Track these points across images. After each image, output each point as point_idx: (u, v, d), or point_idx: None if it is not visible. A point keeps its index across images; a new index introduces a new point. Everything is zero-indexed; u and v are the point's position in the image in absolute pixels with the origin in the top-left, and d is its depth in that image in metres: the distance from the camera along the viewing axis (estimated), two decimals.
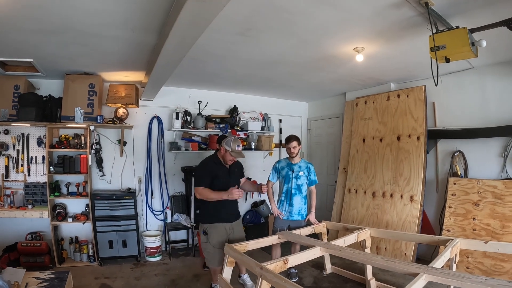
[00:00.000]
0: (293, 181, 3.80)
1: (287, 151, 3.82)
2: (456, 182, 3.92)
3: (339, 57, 3.58)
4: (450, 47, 2.55)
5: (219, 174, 3.21)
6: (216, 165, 3.27)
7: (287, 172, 3.83)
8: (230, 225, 3.28)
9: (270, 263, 2.56)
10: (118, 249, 4.37)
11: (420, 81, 4.46)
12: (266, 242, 3.41)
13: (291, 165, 3.84)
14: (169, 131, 4.96)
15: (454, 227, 3.83)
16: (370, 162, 4.72)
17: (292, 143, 3.75)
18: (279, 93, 5.66)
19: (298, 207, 3.80)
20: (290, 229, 3.76)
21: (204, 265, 4.23)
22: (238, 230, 3.38)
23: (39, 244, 4.06)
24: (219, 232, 3.22)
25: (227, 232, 3.26)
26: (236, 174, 3.43)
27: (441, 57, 2.68)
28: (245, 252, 3.08)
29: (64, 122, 4.16)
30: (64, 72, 4.18)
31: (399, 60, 3.75)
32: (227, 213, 3.26)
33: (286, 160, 3.93)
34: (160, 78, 3.74)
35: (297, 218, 3.83)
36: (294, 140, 3.77)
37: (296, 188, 3.79)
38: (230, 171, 3.32)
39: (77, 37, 3.00)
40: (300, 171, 3.81)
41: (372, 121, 4.81)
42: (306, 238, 3.33)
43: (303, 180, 3.82)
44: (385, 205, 4.41)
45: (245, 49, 3.37)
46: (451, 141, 4.17)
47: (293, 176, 3.80)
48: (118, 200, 4.40)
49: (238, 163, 3.48)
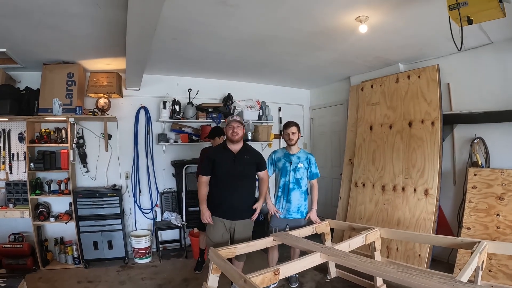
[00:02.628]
0: (291, 174, 3.40)
1: (285, 138, 3.45)
2: (476, 173, 3.48)
3: (339, 30, 3.16)
4: (473, 3, 2.13)
5: (220, 159, 2.98)
6: (221, 149, 3.07)
7: (284, 163, 3.43)
8: (230, 222, 2.99)
9: (257, 275, 2.19)
10: (104, 250, 4.14)
11: (431, 60, 4.03)
12: (259, 245, 3.03)
13: (289, 155, 3.44)
14: (157, 123, 4.66)
15: (475, 225, 3.39)
16: (379, 152, 4.29)
17: (291, 128, 3.38)
18: (277, 80, 5.28)
19: (297, 203, 3.41)
20: (289, 228, 3.41)
21: (195, 268, 3.94)
22: (241, 230, 3.05)
23: (20, 245, 3.86)
24: (216, 226, 2.98)
25: (227, 230, 3.01)
26: (247, 163, 3.05)
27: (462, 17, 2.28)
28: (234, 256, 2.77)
29: (41, 115, 3.91)
30: (42, 62, 3.93)
31: (409, 33, 3.31)
32: (229, 208, 2.97)
33: (283, 150, 3.53)
34: (137, 61, 3.42)
35: (296, 216, 3.44)
36: (293, 125, 3.40)
37: (294, 182, 3.40)
38: (238, 156, 3.00)
39: (43, 18, 2.72)
40: (299, 162, 3.41)
41: (379, 107, 4.37)
42: (304, 242, 2.95)
43: (303, 173, 3.42)
44: (396, 200, 3.98)
45: (228, 24, 2.99)
46: (469, 127, 3.71)
47: (291, 169, 3.40)
48: (102, 198, 4.15)
49: (254, 152, 3.18)
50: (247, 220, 3.07)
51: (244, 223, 3.06)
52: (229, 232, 3.01)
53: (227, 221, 2.97)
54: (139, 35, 2.70)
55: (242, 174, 3.00)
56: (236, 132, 2.98)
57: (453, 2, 2.25)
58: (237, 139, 2.99)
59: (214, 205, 2.98)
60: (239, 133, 2.99)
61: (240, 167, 2.98)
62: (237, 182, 2.99)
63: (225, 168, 2.97)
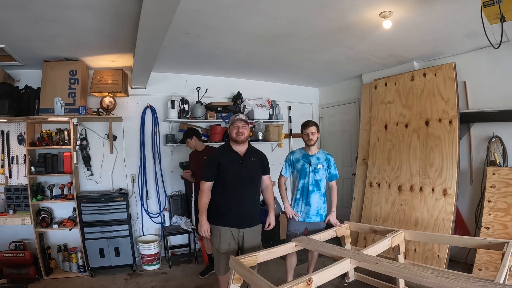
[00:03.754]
0: (311, 176, 3.29)
1: (304, 139, 3.32)
2: (495, 172, 3.47)
3: (361, 26, 3.09)
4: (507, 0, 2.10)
5: (226, 162, 2.73)
6: (225, 151, 2.81)
7: (303, 165, 3.33)
8: (238, 231, 2.76)
9: (290, 286, 2.06)
10: (110, 257, 3.98)
11: (447, 58, 4.01)
12: (280, 252, 2.90)
13: (308, 156, 3.34)
14: (164, 123, 4.52)
15: (494, 224, 3.39)
16: (394, 151, 4.26)
17: (310, 128, 3.25)
18: (286, 77, 5.20)
19: (316, 206, 3.32)
20: (307, 232, 3.33)
21: (201, 273, 3.86)
22: (250, 238, 2.83)
23: (22, 254, 3.69)
24: (224, 236, 2.74)
25: (235, 239, 2.77)
26: (254, 166, 2.83)
27: (495, 15, 2.26)
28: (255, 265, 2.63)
29: (42, 115, 3.73)
30: (43, 59, 3.74)
31: (428, 30, 3.26)
32: (232, 213, 2.73)
33: (301, 151, 3.41)
34: (146, 58, 3.26)
35: (316, 219, 3.35)
36: (312, 124, 3.28)
37: (314, 184, 3.30)
38: (245, 159, 2.77)
39: (44, 10, 2.54)
40: (319, 163, 3.31)
41: (394, 105, 4.34)
42: (330, 247, 2.86)
43: (322, 174, 3.34)
44: (414, 200, 3.96)
45: (247, 17, 2.86)
46: (487, 125, 3.71)
47: (310, 170, 3.29)
48: (108, 203, 3.98)
49: (260, 153, 2.95)
50: (256, 226, 2.88)
51: (253, 230, 2.85)
52: (237, 241, 2.78)
53: (235, 230, 2.75)
54: (153, 28, 2.52)
55: (250, 178, 2.79)
56: (242, 132, 2.74)
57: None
58: (242, 139, 2.75)
59: (219, 214, 2.76)
60: (245, 133, 2.76)
61: (247, 170, 2.76)
62: (245, 187, 2.77)
63: (232, 172, 2.72)
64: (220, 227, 2.74)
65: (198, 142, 3.84)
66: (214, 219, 2.78)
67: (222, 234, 2.74)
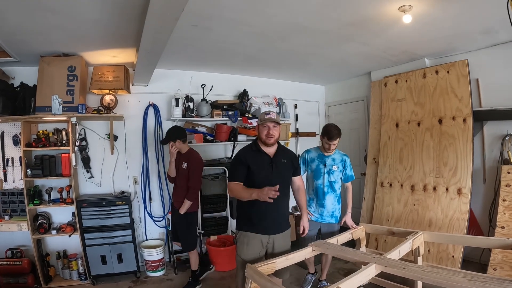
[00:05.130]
0: (325, 177, 3.27)
1: (325, 146, 3.25)
2: (510, 171, 3.48)
3: (379, 20, 3.04)
4: None
5: (255, 164, 2.53)
6: (253, 152, 2.59)
7: (318, 165, 3.30)
8: (268, 237, 2.58)
9: None
10: (113, 264, 3.85)
11: (459, 55, 4.00)
12: (298, 258, 2.81)
13: (324, 157, 3.31)
14: (168, 121, 4.38)
15: (509, 224, 3.40)
16: (407, 150, 4.25)
17: (335, 141, 3.18)
18: (293, 75, 5.14)
19: (331, 208, 3.30)
20: (321, 233, 3.31)
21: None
22: (280, 245, 2.65)
23: (19, 262, 3.56)
24: (251, 244, 2.56)
25: (263, 246, 2.59)
26: (285, 167, 2.65)
27: None
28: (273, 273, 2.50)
29: (39, 114, 3.57)
30: (39, 54, 3.57)
31: (446, 26, 3.24)
32: (266, 221, 2.54)
33: (317, 150, 3.37)
34: (152, 52, 3.12)
35: (330, 221, 3.32)
36: (337, 137, 3.19)
37: (328, 186, 3.28)
38: (275, 161, 2.58)
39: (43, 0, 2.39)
40: (334, 165, 3.28)
41: (406, 103, 4.32)
42: (351, 252, 2.80)
43: (337, 175, 3.30)
44: (428, 200, 3.95)
45: (261, 9, 2.75)
46: (500, 123, 3.72)
47: (325, 171, 3.27)
48: (110, 207, 3.84)
49: (290, 153, 2.79)
50: (286, 231, 2.72)
51: (284, 235, 2.69)
52: (266, 247, 2.61)
53: (265, 237, 2.57)
54: (161, 20, 2.38)
55: (281, 181, 2.53)
56: (272, 134, 2.53)
57: None
58: (272, 142, 2.56)
59: (250, 222, 2.56)
60: (275, 136, 2.55)
61: (278, 173, 2.57)
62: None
63: (262, 177, 2.51)
64: (248, 233, 2.57)
65: (182, 145, 3.60)
66: (242, 225, 2.63)
67: (250, 241, 2.56)
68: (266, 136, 2.53)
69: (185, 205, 3.49)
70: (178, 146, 3.54)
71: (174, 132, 3.58)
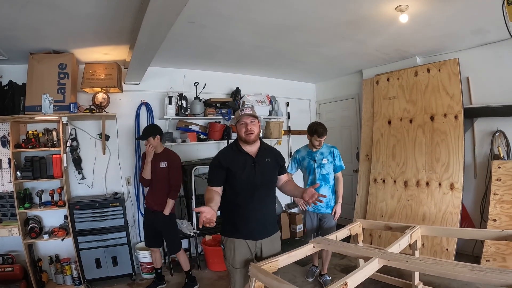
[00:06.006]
0: (317, 172, 3.46)
1: (314, 144, 3.45)
2: (500, 165, 3.65)
3: (376, 19, 3.12)
4: None
5: (236, 166, 2.33)
6: (234, 153, 2.40)
7: (309, 162, 3.50)
8: (255, 242, 2.43)
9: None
10: (108, 268, 3.78)
11: (449, 54, 4.15)
12: (300, 255, 2.86)
13: (312, 153, 3.50)
14: (161, 120, 4.34)
15: (500, 216, 3.57)
16: (399, 146, 4.38)
17: (323, 138, 3.42)
18: (285, 73, 5.19)
19: (325, 199, 3.44)
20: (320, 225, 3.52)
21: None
22: (269, 248, 2.50)
23: (11, 268, 3.46)
24: (239, 250, 2.41)
25: (251, 251, 2.44)
26: (269, 168, 2.46)
27: None
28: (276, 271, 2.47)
29: (29, 113, 3.47)
30: (29, 51, 3.47)
31: (440, 25, 3.36)
32: (251, 225, 2.38)
33: (305, 149, 3.59)
34: (148, 48, 3.07)
35: (326, 211, 3.51)
36: (325, 132, 3.44)
37: (321, 179, 3.46)
38: (258, 161, 2.38)
39: None
40: (323, 158, 3.47)
41: (398, 100, 4.45)
42: (353, 247, 2.87)
43: (328, 168, 3.48)
44: (421, 195, 4.09)
45: (262, 6, 2.76)
46: (490, 120, 3.88)
47: (315, 166, 3.46)
48: (103, 209, 3.77)
49: (274, 151, 2.58)
50: (274, 234, 2.55)
51: (271, 239, 2.52)
52: (254, 253, 2.46)
53: (251, 242, 2.42)
54: (162, 14, 2.31)
55: (265, 182, 2.43)
56: (251, 130, 2.33)
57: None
58: (253, 139, 2.35)
59: (234, 226, 2.40)
60: (255, 131, 2.35)
61: (262, 174, 2.39)
62: (261, 193, 2.41)
63: (244, 179, 2.34)
64: (233, 239, 2.41)
65: (159, 143, 3.50)
66: (226, 230, 2.47)
67: (236, 247, 2.40)
68: (245, 133, 2.34)
69: (169, 204, 3.44)
70: (154, 144, 3.42)
71: (153, 128, 3.50)
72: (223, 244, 2.50)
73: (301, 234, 4.96)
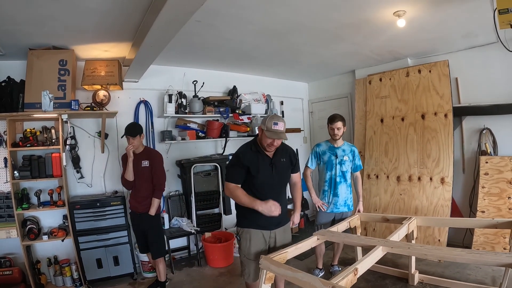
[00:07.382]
0: (337, 168, 3.53)
1: (330, 133, 3.54)
2: (488, 160, 3.96)
3: (375, 22, 3.32)
4: None
5: (254, 165, 2.49)
6: (254, 153, 2.54)
7: (330, 157, 3.55)
8: (269, 232, 2.64)
9: (341, 278, 2.13)
10: (109, 268, 3.78)
11: (439, 55, 4.44)
12: (305, 247, 3.02)
13: (334, 148, 3.57)
14: (159, 119, 4.37)
15: (489, 208, 3.88)
16: (392, 143, 4.63)
17: (337, 123, 3.47)
18: (280, 72, 5.33)
19: (344, 197, 3.56)
20: (334, 222, 3.54)
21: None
22: (281, 238, 2.72)
23: (9, 271, 3.39)
24: (255, 240, 2.60)
25: (266, 241, 2.64)
26: (284, 167, 2.65)
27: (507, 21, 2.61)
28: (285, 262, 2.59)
29: (28, 111, 3.41)
30: (28, 47, 3.41)
31: (434, 29, 3.59)
32: (270, 219, 2.55)
33: (327, 143, 3.63)
34: (155, 46, 3.08)
35: (344, 209, 3.60)
36: (339, 120, 3.49)
37: (340, 176, 3.54)
38: (275, 162, 2.56)
39: None
40: (345, 155, 3.55)
41: (390, 100, 4.71)
42: (356, 237, 3.08)
43: (348, 166, 3.57)
44: (413, 189, 4.36)
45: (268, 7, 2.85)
46: (478, 118, 4.19)
47: (337, 162, 3.53)
48: (104, 208, 3.78)
49: (289, 150, 2.74)
50: (286, 225, 2.80)
51: (284, 228, 2.76)
52: (268, 243, 2.67)
53: (266, 232, 2.63)
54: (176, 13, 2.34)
55: (281, 181, 2.67)
56: (275, 147, 2.52)
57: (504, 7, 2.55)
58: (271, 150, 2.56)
59: (252, 218, 2.57)
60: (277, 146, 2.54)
61: (278, 174, 2.60)
62: (276, 190, 2.64)
63: (262, 179, 2.53)
64: (250, 230, 2.61)
65: (140, 142, 3.45)
66: (244, 222, 2.66)
67: (252, 237, 2.60)
68: (268, 146, 2.49)
69: (155, 204, 3.39)
70: (136, 144, 3.36)
71: (136, 127, 3.44)
72: (238, 235, 2.67)
73: (296, 230, 5.12)
